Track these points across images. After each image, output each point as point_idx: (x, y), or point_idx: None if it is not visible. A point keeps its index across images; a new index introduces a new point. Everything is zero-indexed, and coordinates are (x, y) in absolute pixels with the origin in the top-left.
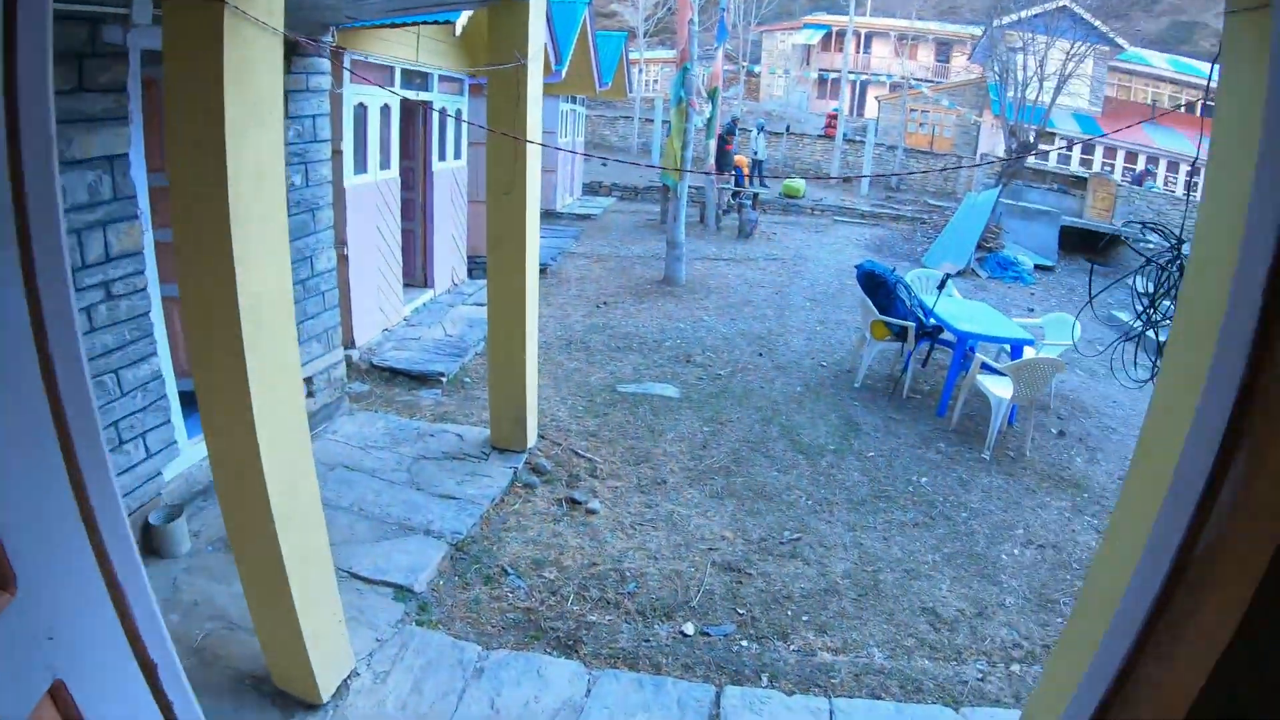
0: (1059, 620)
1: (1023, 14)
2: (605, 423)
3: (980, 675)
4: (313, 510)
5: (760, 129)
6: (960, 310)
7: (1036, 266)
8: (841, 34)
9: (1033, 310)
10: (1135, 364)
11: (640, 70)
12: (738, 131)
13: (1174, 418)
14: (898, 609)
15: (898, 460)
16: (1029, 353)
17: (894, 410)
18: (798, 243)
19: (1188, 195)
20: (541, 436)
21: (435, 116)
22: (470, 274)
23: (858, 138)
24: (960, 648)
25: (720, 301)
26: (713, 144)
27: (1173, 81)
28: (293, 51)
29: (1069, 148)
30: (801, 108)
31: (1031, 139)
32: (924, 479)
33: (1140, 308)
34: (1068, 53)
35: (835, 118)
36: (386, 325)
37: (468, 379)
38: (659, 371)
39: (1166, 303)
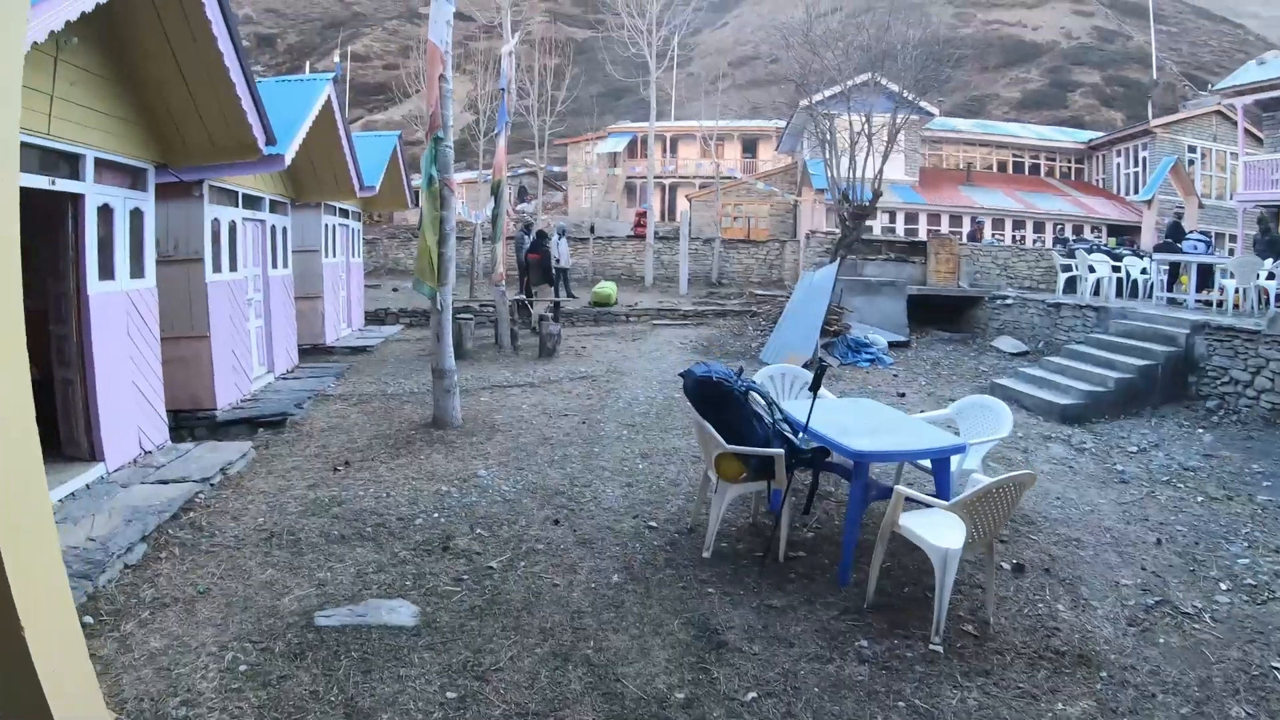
0: None
1: (830, 91)
2: (273, 704)
3: None
4: None
5: (561, 233)
6: (844, 416)
7: (890, 344)
8: (645, 140)
9: (904, 395)
10: None
11: None
12: (531, 237)
13: None
14: None
15: (801, 697)
16: (955, 462)
17: (771, 591)
18: (611, 355)
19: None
20: None
21: (89, 217)
22: (175, 435)
23: (671, 236)
24: None
25: (507, 444)
26: (499, 248)
27: (982, 144)
28: None
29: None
30: (611, 216)
31: (866, 204)
32: None
33: None
34: (891, 119)
35: (644, 215)
36: None
37: (103, 612)
38: (394, 575)
39: None
